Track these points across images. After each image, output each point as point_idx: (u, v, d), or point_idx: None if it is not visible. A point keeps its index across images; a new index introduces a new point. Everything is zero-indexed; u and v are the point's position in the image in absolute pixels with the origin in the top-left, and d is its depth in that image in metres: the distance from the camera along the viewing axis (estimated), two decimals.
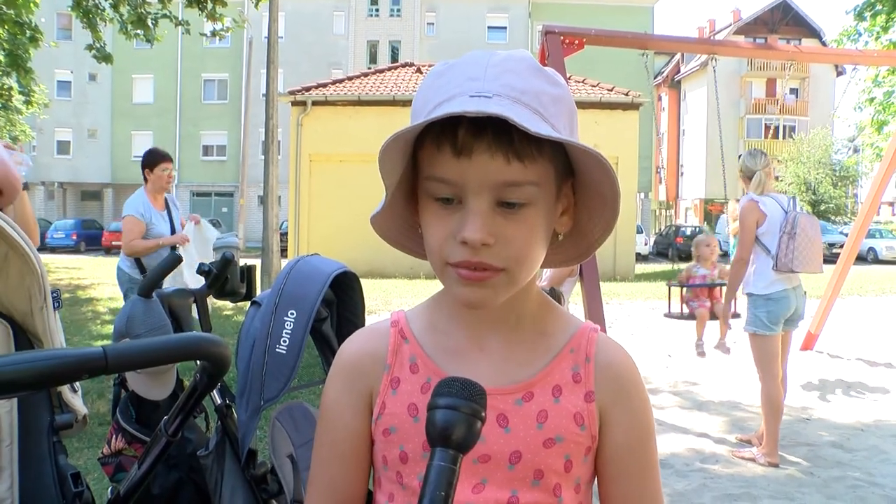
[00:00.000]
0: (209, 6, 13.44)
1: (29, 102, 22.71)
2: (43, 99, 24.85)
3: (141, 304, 1.98)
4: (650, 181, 42.81)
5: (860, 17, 15.78)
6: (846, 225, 34.24)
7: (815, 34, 46.71)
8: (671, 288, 6.64)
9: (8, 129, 25.83)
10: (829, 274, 8.53)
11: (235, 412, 1.81)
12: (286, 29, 39.58)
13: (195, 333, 1.72)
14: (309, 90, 20.83)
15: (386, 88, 20.93)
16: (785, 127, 47.72)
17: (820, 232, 4.87)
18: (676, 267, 24.37)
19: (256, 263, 5.04)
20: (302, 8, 42.55)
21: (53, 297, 1.66)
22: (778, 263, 4.71)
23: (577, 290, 6.22)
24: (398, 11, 44.13)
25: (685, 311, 6.52)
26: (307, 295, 1.59)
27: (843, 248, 9.06)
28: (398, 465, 0.95)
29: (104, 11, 13.42)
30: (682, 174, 54.67)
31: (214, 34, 14.14)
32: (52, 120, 38.40)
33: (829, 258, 8.56)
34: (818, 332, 8.75)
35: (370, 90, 20.81)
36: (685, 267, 6.62)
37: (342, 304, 1.79)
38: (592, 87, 21.20)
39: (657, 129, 41.29)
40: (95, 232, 35.47)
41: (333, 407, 1.02)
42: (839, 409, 6.14)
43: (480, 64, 0.85)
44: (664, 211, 56.99)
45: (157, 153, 5.56)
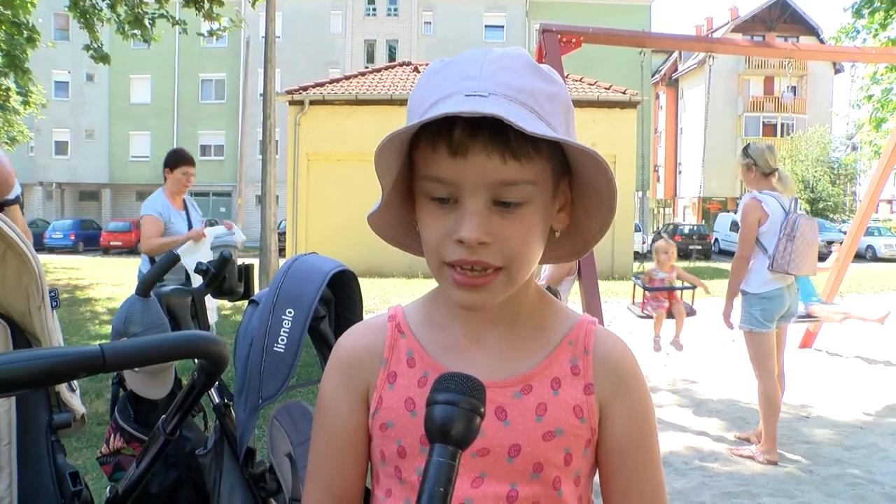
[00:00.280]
0: (206, 6, 13.45)
1: (27, 103, 22.74)
2: (40, 99, 24.86)
3: (139, 303, 1.97)
4: (648, 179, 42.82)
5: (858, 14, 15.80)
6: (844, 223, 34.28)
7: (812, 32, 46.72)
8: (636, 285, 6.99)
9: (6, 129, 25.83)
10: (828, 272, 8.56)
11: (234, 411, 1.81)
12: (283, 28, 39.52)
13: (193, 332, 1.72)
14: (306, 89, 20.81)
15: (383, 87, 20.91)
16: (783, 125, 47.74)
17: (818, 234, 4.87)
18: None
19: (254, 262, 5.05)
20: (299, 7, 42.53)
21: (51, 296, 1.66)
22: (774, 264, 4.72)
23: (575, 288, 6.22)
24: (395, 11, 44.13)
25: (647, 310, 6.91)
26: (305, 294, 1.59)
27: (841, 245, 9.06)
28: (396, 459, 0.95)
29: (101, 12, 13.44)
30: (679, 172, 54.68)
31: (212, 34, 14.15)
32: (49, 120, 38.36)
33: (826, 256, 8.55)
34: (817, 329, 8.75)
35: (367, 89, 20.79)
36: (646, 269, 6.98)
37: (340, 302, 1.79)
38: (590, 85, 21.18)
39: (654, 127, 41.27)
40: (93, 232, 35.45)
41: (330, 402, 1.02)
42: (838, 407, 6.15)
43: (476, 62, 0.85)
44: (662, 209, 57.03)
45: (179, 155, 5.50)
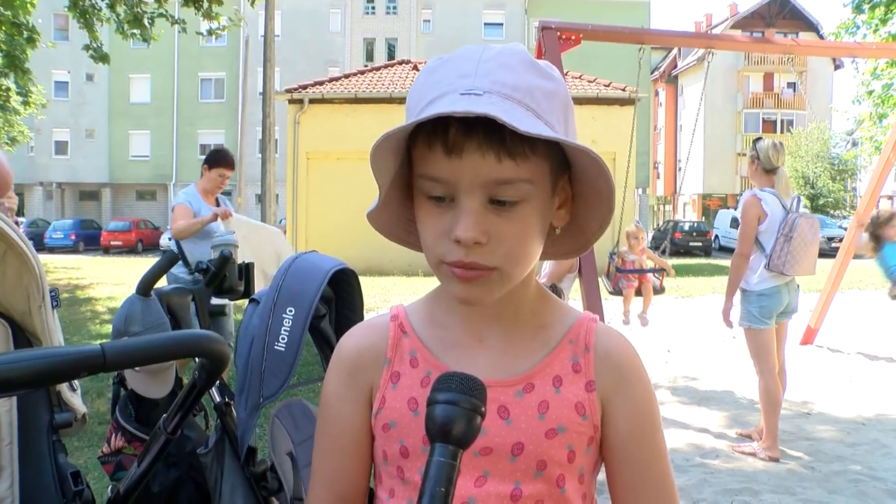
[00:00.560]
0: (205, 5, 13.46)
1: (27, 103, 22.74)
2: (40, 99, 24.86)
3: (139, 302, 1.97)
4: (648, 177, 42.78)
5: (858, 9, 15.77)
6: (845, 219, 34.27)
7: (812, 28, 46.66)
8: (611, 263, 7.32)
9: (6, 129, 25.84)
10: (828, 268, 8.56)
11: (235, 410, 1.81)
12: (283, 27, 39.53)
13: (194, 331, 1.72)
14: (306, 88, 20.80)
15: (383, 86, 20.89)
16: (783, 121, 47.70)
17: (819, 234, 4.83)
18: (673, 263, 24.41)
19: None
20: (298, 6, 42.51)
21: (52, 296, 1.66)
22: (770, 264, 4.71)
23: (576, 286, 6.22)
24: (394, 9, 44.09)
25: (618, 287, 7.36)
26: (305, 292, 1.58)
27: (841, 241, 9.06)
28: (399, 459, 0.95)
29: (101, 11, 13.45)
30: (679, 169, 54.65)
31: (211, 33, 14.14)
32: (49, 120, 38.37)
33: (828, 252, 8.57)
34: (818, 326, 8.75)
35: (367, 88, 20.77)
36: (619, 251, 7.35)
37: (341, 301, 1.78)
38: (589, 82, 21.17)
39: (654, 124, 41.23)
40: (94, 232, 35.50)
41: (333, 401, 1.01)
42: (840, 403, 6.14)
43: (472, 59, 0.84)
44: (662, 206, 57.01)
45: (220, 156, 5.41)
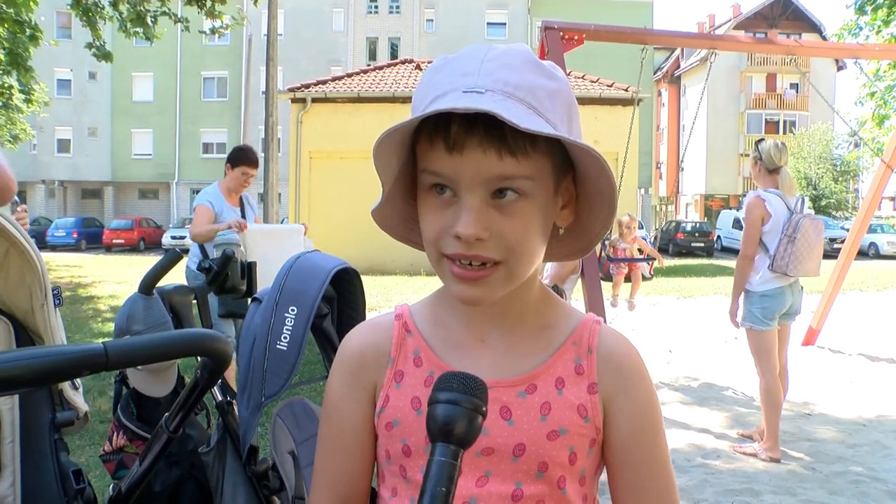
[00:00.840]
0: (208, 4, 13.46)
1: (29, 101, 22.74)
2: (43, 97, 24.86)
3: (141, 301, 1.97)
4: (650, 177, 42.76)
5: (861, 11, 15.77)
6: (847, 220, 34.22)
7: (815, 29, 46.59)
8: (603, 250, 7.44)
9: (8, 127, 25.85)
10: (830, 269, 8.55)
11: (236, 409, 1.81)
12: (285, 26, 39.56)
13: (195, 329, 1.72)
14: (308, 87, 20.79)
15: (385, 85, 20.89)
16: (785, 122, 47.65)
17: (822, 235, 4.83)
18: (675, 263, 24.37)
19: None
20: (301, 5, 42.52)
21: (54, 294, 1.66)
22: (773, 265, 4.70)
23: (578, 286, 6.22)
24: (397, 8, 44.10)
25: (609, 273, 7.60)
26: (308, 291, 1.58)
27: (843, 243, 9.05)
28: (401, 458, 0.95)
29: (104, 9, 13.44)
30: (682, 169, 54.59)
31: (214, 32, 14.14)
32: (52, 118, 38.41)
33: (830, 253, 8.56)
34: (819, 327, 8.74)
35: (370, 87, 20.78)
36: (612, 239, 7.58)
37: (343, 300, 1.78)
38: (592, 82, 21.15)
39: (657, 125, 41.21)
40: (96, 230, 35.56)
41: (337, 400, 1.02)
42: (841, 404, 6.14)
43: (476, 59, 0.85)
44: (664, 206, 56.96)
45: (243, 154, 5.27)
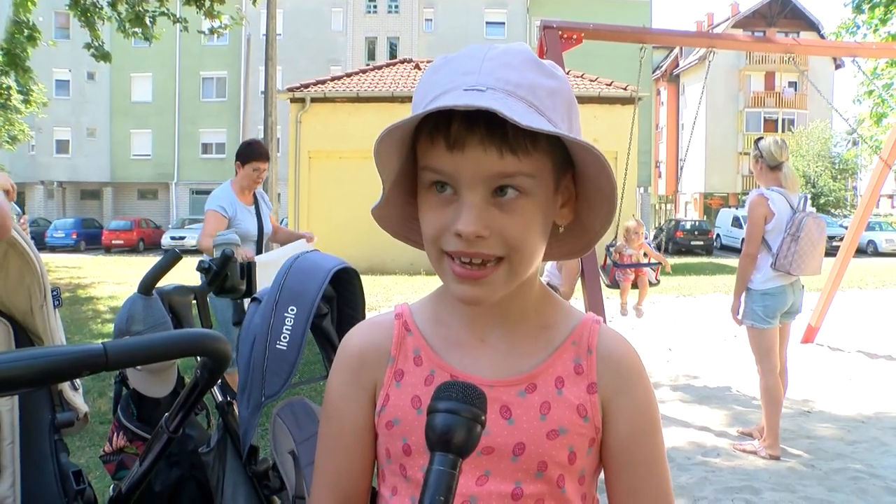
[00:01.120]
0: (207, 4, 13.45)
1: (27, 102, 22.73)
2: (41, 98, 24.85)
3: (141, 301, 1.97)
4: (650, 176, 42.74)
5: (858, 9, 15.76)
6: (846, 218, 34.22)
7: (813, 27, 46.60)
8: (608, 256, 7.31)
9: (7, 128, 25.83)
10: (829, 267, 8.55)
11: (236, 409, 1.81)
12: (284, 26, 39.49)
13: (195, 329, 1.72)
14: (308, 87, 20.77)
15: (384, 85, 20.88)
16: (784, 120, 47.66)
17: (825, 234, 4.81)
18: (675, 262, 24.36)
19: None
20: (300, 5, 42.48)
21: (53, 295, 1.66)
22: (776, 263, 4.69)
23: (577, 285, 6.22)
24: (396, 7, 44.06)
25: (615, 280, 7.31)
26: (307, 291, 1.58)
27: (842, 240, 9.05)
28: (401, 457, 0.95)
29: (102, 10, 13.44)
30: (681, 168, 54.59)
31: (212, 32, 14.14)
32: (50, 119, 38.32)
33: (828, 251, 8.53)
34: (818, 325, 8.75)
35: (369, 87, 20.76)
36: (617, 245, 7.31)
37: (342, 300, 1.78)
38: (591, 81, 21.14)
39: (656, 123, 41.20)
40: (95, 231, 35.51)
41: (337, 399, 1.02)
42: (840, 401, 6.15)
43: (477, 58, 0.85)
44: (664, 205, 56.96)
45: (253, 149, 5.09)
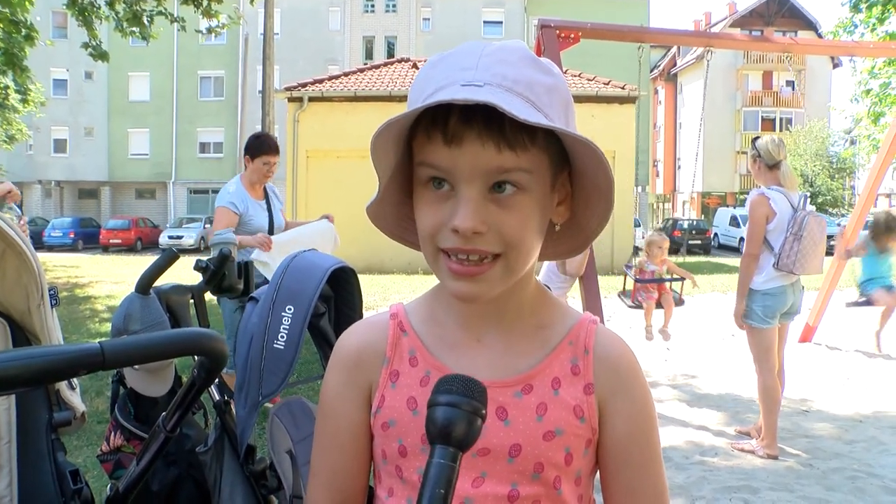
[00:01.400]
0: (204, 3, 13.44)
1: (25, 101, 22.70)
2: (39, 97, 24.81)
3: (138, 300, 1.97)
4: (647, 175, 42.78)
5: (856, 8, 15.77)
6: (843, 217, 34.25)
7: (810, 26, 46.67)
8: (627, 275, 7.02)
9: (5, 128, 25.81)
10: (826, 266, 8.55)
11: (234, 408, 1.81)
12: (282, 25, 39.48)
13: (193, 329, 1.72)
14: (305, 86, 20.76)
15: (382, 84, 20.88)
16: (781, 119, 47.71)
17: (826, 233, 4.80)
18: (672, 260, 24.33)
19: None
20: (298, 4, 42.46)
21: (50, 294, 1.65)
22: (779, 263, 4.66)
23: (575, 284, 6.22)
24: (394, 7, 44.04)
25: (637, 300, 6.90)
26: (304, 290, 1.58)
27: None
28: (397, 458, 0.94)
29: (100, 9, 13.41)
30: (679, 167, 54.64)
31: (210, 31, 14.12)
32: (48, 118, 38.31)
33: (827, 250, 8.53)
34: (816, 323, 8.76)
35: (366, 86, 20.75)
36: (637, 261, 6.94)
37: (340, 299, 1.79)
38: (589, 80, 21.15)
39: (653, 123, 41.24)
40: (93, 230, 35.44)
41: (333, 399, 1.01)
42: (838, 400, 6.15)
43: (474, 54, 0.84)
44: (662, 204, 57.01)
45: (262, 143, 4.99)
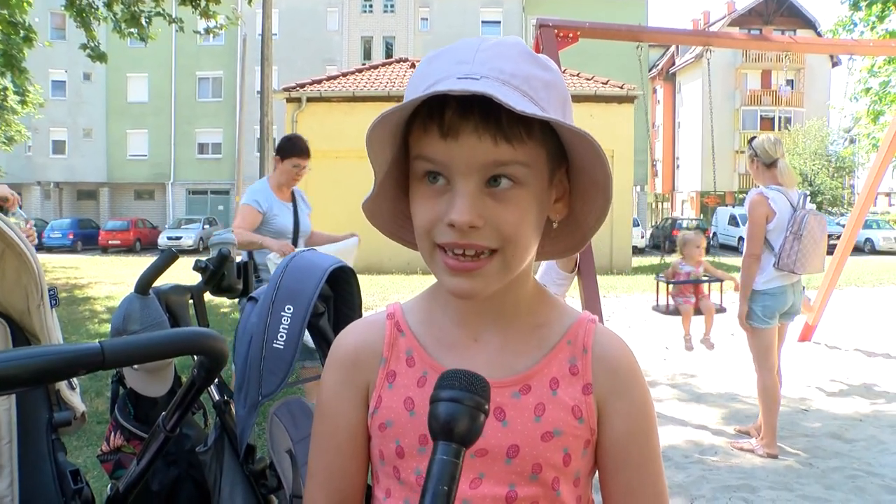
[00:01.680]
0: (202, 4, 13.44)
1: (24, 102, 22.73)
2: (38, 99, 24.83)
3: (137, 300, 1.97)
4: (646, 174, 42.79)
5: (855, 7, 15.77)
6: (843, 216, 34.27)
7: (809, 25, 46.69)
8: (659, 282, 6.58)
9: (3, 129, 25.80)
10: (826, 265, 8.56)
11: (233, 408, 1.81)
12: (280, 25, 39.47)
13: (191, 328, 1.72)
14: (304, 87, 20.75)
15: (380, 84, 20.88)
16: (780, 118, 47.72)
17: (826, 232, 4.78)
18: (671, 260, 24.39)
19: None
20: (296, 4, 42.46)
21: (50, 295, 1.66)
22: (780, 262, 4.65)
23: (574, 283, 6.21)
24: (392, 7, 44.05)
25: (671, 306, 6.47)
26: (304, 290, 1.58)
27: (840, 238, 9.06)
28: (394, 459, 0.94)
29: (98, 10, 13.41)
30: (677, 167, 54.67)
31: (208, 32, 14.13)
32: (47, 120, 38.30)
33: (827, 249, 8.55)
34: (816, 323, 8.75)
35: (365, 86, 20.75)
36: (671, 263, 6.56)
37: (339, 299, 1.79)
38: (587, 80, 21.15)
39: (652, 122, 41.24)
40: (92, 231, 35.45)
41: (330, 399, 1.01)
42: (837, 399, 6.16)
43: (471, 48, 0.84)
44: (660, 204, 57.02)
45: (294, 145, 4.82)
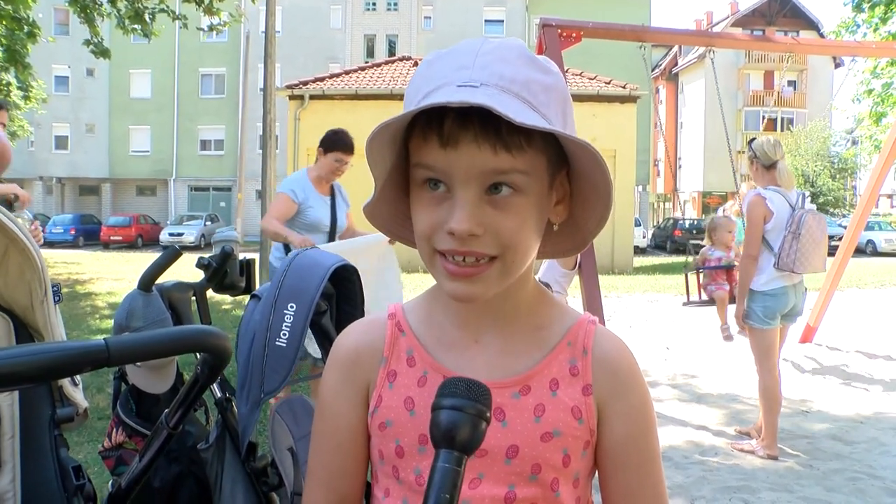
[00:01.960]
0: (206, 1, 13.45)
1: (27, 98, 22.69)
2: (41, 94, 24.81)
3: (140, 297, 1.97)
4: (648, 174, 42.77)
5: (858, 8, 15.75)
6: (845, 217, 34.24)
7: (812, 26, 46.64)
8: (688, 276, 6.35)
9: (6, 124, 25.81)
10: (827, 266, 8.55)
11: (235, 405, 1.81)
12: (283, 23, 39.46)
13: (197, 326, 1.73)
14: (306, 84, 20.79)
15: (383, 82, 20.89)
16: (783, 119, 47.67)
17: (826, 231, 4.77)
18: (673, 260, 24.33)
19: (255, 257, 4.98)
20: (299, 2, 42.47)
21: (53, 290, 1.66)
22: (779, 263, 4.65)
23: (575, 282, 6.22)
24: (395, 5, 44.05)
25: (704, 296, 6.22)
26: (307, 288, 1.58)
27: (841, 240, 9.05)
28: (394, 459, 0.94)
29: (101, 6, 13.44)
30: (680, 167, 54.62)
31: (212, 28, 14.14)
32: (49, 115, 38.28)
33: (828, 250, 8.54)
34: (817, 324, 8.74)
35: (367, 84, 20.76)
36: (701, 251, 6.29)
37: (342, 297, 1.79)
38: (590, 79, 21.14)
39: (654, 122, 41.21)
40: (94, 227, 35.51)
41: (331, 398, 1.01)
42: (838, 401, 6.15)
43: (471, 52, 0.84)
44: (662, 204, 56.97)
45: (339, 139, 4.69)
